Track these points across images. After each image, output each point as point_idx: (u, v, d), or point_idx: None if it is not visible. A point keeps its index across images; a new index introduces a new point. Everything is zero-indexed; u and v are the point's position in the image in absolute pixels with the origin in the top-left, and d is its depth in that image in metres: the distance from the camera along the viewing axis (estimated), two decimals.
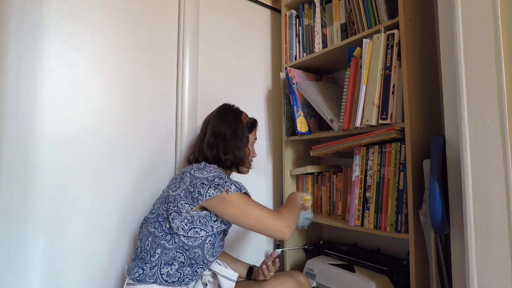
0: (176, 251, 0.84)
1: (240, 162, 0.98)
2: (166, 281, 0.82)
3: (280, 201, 1.47)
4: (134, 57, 1.11)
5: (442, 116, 1.04)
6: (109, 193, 1.03)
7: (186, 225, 0.83)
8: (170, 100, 1.20)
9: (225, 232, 0.96)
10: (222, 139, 0.97)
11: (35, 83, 0.91)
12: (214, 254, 0.90)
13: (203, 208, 0.85)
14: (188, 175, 0.87)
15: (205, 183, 0.83)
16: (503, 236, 0.59)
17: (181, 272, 0.84)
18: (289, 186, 1.40)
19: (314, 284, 1.18)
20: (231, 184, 0.85)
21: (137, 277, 0.82)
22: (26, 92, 0.90)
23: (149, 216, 0.91)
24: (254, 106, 1.47)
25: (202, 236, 0.85)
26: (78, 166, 0.97)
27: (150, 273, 0.82)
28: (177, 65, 1.22)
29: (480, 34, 0.64)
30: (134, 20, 1.12)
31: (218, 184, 0.83)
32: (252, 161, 1.07)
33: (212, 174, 0.86)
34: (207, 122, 1.03)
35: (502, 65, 0.61)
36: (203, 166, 0.90)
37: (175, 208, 0.83)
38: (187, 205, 0.83)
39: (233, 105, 1.06)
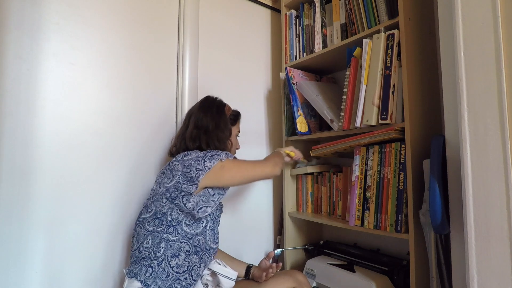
0: (180, 241, 0.86)
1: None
2: (177, 272, 0.84)
3: (280, 202, 1.47)
4: (134, 57, 1.11)
5: (442, 116, 1.04)
6: (109, 193, 1.03)
7: (197, 203, 0.87)
8: (170, 100, 1.20)
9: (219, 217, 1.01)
10: (205, 131, 0.98)
11: (35, 83, 0.91)
12: (216, 241, 0.94)
13: (201, 188, 0.88)
14: (177, 163, 0.89)
15: (199, 159, 0.87)
16: (503, 236, 0.59)
17: (189, 260, 0.87)
18: (289, 186, 1.40)
19: (314, 284, 1.18)
20: (221, 153, 0.90)
21: (148, 276, 0.82)
22: (26, 92, 0.90)
23: (145, 216, 0.90)
24: (254, 106, 1.47)
25: (201, 224, 0.89)
26: (78, 166, 0.97)
27: (160, 269, 0.83)
28: (177, 65, 1.22)
29: (480, 34, 0.64)
30: (134, 20, 1.12)
31: (212, 156, 0.88)
32: (235, 153, 1.10)
33: (201, 154, 0.90)
34: (190, 114, 1.03)
35: (502, 65, 0.61)
36: (188, 152, 0.92)
37: (183, 194, 0.85)
38: (191, 186, 0.85)
39: (216, 98, 1.07)
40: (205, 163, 0.87)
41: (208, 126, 0.98)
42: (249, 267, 1.08)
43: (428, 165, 0.88)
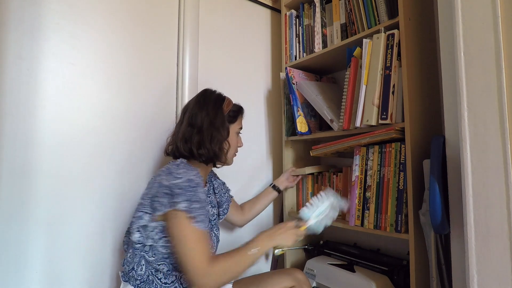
0: (157, 263, 0.81)
1: (215, 157, 0.90)
2: (165, 283, 0.81)
3: (280, 201, 1.47)
4: (134, 57, 1.11)
5: (442, 116, 1.04)
6: (109, 193, 1.03)
7: (157, 235, 0.80)
8: (170, 100, 1.20)
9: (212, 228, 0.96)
10: (198, 130, 0.88)
11: (35, 83, 0.91)
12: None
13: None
14: (157, 181, 0.81)
15: (168, 192, 0.77)
16: (503, 236, 0.59)
17: (176, 273, 0.83)
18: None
19: (314, 284, 1.18)
20: (189, 201, 0.75)
21: (139, 284, 0.81)
22: (26, 92, 0.90)
23: (130, 225, 0.86)
24: (254, 106, 1.47)
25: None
26: (78, 166, 0.97)
27: (149, 280, 0.81)
28: (177, 65, 1.22)
29: (480, 34, 0.64)
30: (134, 20, 1.12)
31: (172, 195, 0.75)
32: (235, 154, 1.00)
33: (174, 182, 0.77)
34: (185, 109, 0.95)
35: (502, 65, 0.61)
36: (175, 168, 0.81)
37: (134, 219, 0.82)
38: (147, 215, 0.80)
39: (215, 91, 0.98)
40: (163, 200, 0.76)
41: (202, 124, 0.88)
42: (273, 186, 1.27)
43: (428, 165, 0.88)
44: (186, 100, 1.21)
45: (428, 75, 1.06)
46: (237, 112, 0.99)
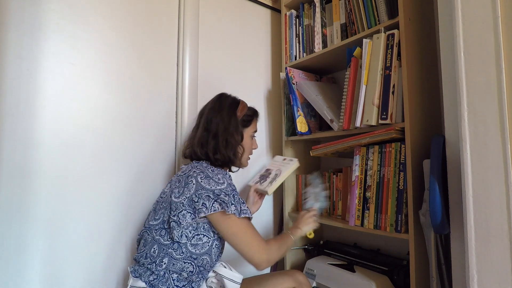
0: (184, 261, 0.83)
1: (230, 162, 0.95)
2: (177, 286, 0.82)
3: (280, 201, 1.47)
4: (134, 57, 1.11)
5: (442, 116, 1.04)
6: (109, 193, 1.03)
7: (190, 232, 0.83)
8: (170, 100, 1.20)
9: None
10: (213, 135, 0.92)
11: (35, 83, 0.91)
12: (220, 255, 0.91)
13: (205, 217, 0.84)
14: (194, 182, 0.84)
15: (211, 196, 0.82)
16: (503, 236, 0.59)
17: (191, 278, 0.85)
18: (289, 186, 1.40)
19: (314, 284, 1.18)
20: (235, 204, 0.84)
21: (151, 280, 0.81)
22: (26, 92, 0.90)
23: (152, 222, 0.88)
24: (254, 106, 1.45)
25: (207, 242, 0.85)
26: (78, 166, 0.97)
27: (163, 278, 0.82)
28: (177, 65, 1.22)
29: (480, 34, 0.64)
30: (134, 20, 1.12)
31: (223, 201, 0.82)
32: (249, 157, 1.04)
33: (219, 188, 0.84)
34: (201, 113, 0.99)
35: (502, 65, 0.61)
36: (211, 172, 0.87)
37: (175, 218, 0.82)
38: (189, 214, 0.82)
39: (230, 95, 1.01)
40: (214, 203, 0.81)
41: (217, 130, 0.92)
42: None
43: (428, 165, 0.88)
44: (186, 100, 1.21)
45: (428, 75, 1.06)
46: (251, 116, 1.03)
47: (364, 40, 1.04)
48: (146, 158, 1.12)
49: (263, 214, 1.46)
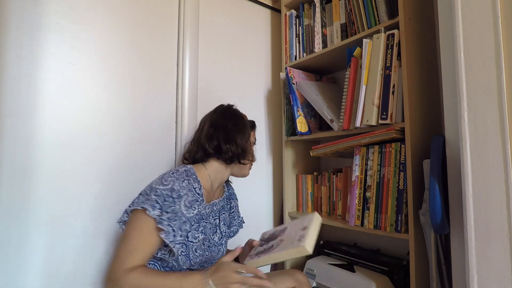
0: (148, 263, 0.80)
1: (243, 153, 0.92)
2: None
3: (280, 201, 1.47)
4: (134, 57, 1.11)
5: (442, 116, 1.04)
6: (109, 193, 1.03)
7: None
8: (170, 100, 1.20)
9: (209, 241, 0.88)
10: (223, 129, 0.90)
11: (35, 83, 0.91)
12: (195, 265, 0.83)
13: None
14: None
15: (146, 192, 0.77)
16: (503, 236, 0.59)
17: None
18: (289, 186, 1.40)
19: (314, 284, 1.18)
20: (160, 208, 0.73)
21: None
22: (26, 92, 0.90)
23: None
24: (254, 106, 1.47)
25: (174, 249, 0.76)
26: (78, 166, 0.97)
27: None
28: (177, 65, 1.22)
29: (480, 34, 0.64)
30: (134, 20, 1.12)
31: (148, 200, 0.74)
32: (251, 166, 1.01)
33: (160, 187, 0.76)
34: (204, 120, 0.98)
35: (502, 65, 0.61)
36: (168, 174, 0.81)
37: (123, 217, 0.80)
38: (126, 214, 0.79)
39: (231, 105, 1.02)
40: (139, 197, 0.77)
41: (226, 124, 0.91)
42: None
43: (428, 165, 0.88)
44: (186, 100, 1.21)
45: (428, 75, 1.06)
46: (252, 125, 1.02)
47: (364, 40, 1.04)
48: (146, 158, 1.12)
49: (263, 214, 1.46)
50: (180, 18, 1.23)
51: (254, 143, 1.05)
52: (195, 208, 0.82)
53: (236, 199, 1.11)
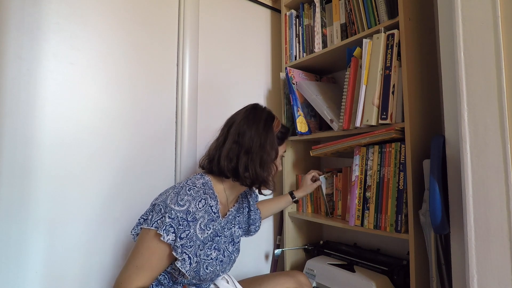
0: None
1: (262, 182, 0.84)
2: None
3: None
4: (134, 58, 1.11)
5: (442, 116, 1.04)
6: (108, 192, 1.03)
7: None
8: (170, 99, 1.20)
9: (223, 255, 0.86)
10: (246, 151, 0.81)
11: (35, 83, 0.91)
12: (204, 281, 0.80)
13: None
14: (165, 195, 0.77)
15: (162, 211, 0.73)
16: (503, 236, 0.59)
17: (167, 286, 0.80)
18: (289, 186, 1.40)
19: (314, 284, 1.18)
20: (174, 233, 0.71)
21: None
22: (26, 92, 0.90)
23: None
24: None
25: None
26: (78, 166, 0.97)
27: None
28: (177, 65, 1.22)
29: (480, 34, 0.64)
30: (134, 20, 1.12)
31: (162, 222, 0.71)
32: (276, 175, 0.92)
33: (176, 208, 0.73)
34: (230, 123, 0.87)
35: (502, 65, 0.61)
36: (184, 191, 0.76)
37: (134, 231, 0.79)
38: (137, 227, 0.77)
39: (265, 108, 0.90)
40: (154, 217, 0.73)
41: (250, 145, 0.81)
42: (291, 193, 1.19)
43: (428, 165, 0.88)
44: (186, 100, 1.21)
45: (428, 75, 1.06)
46: (285, 134, 0.92)
47: (364, 40, 1.04)
48: (146, 158, 1.12)
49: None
50: (180, 18, 1.23)
51: (283, 155, 0.96)
52: (209, 228, 0.79)
53: (253, 192, 1.06)
